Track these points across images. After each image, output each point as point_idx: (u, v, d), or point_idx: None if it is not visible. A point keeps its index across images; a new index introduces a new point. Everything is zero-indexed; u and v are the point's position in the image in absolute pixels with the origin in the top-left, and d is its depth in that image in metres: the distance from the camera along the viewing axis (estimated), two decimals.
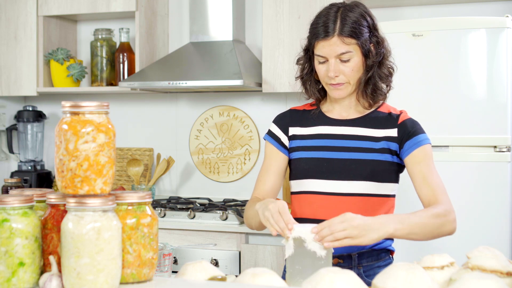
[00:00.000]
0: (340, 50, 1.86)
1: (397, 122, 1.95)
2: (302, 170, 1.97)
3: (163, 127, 3.92)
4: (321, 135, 1.98)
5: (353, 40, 1.86)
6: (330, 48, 1.86)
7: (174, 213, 3.26)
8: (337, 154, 1.94)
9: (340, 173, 1.92)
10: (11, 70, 3.81)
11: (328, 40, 1.86)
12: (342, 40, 1.85)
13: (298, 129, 2.02)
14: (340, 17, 1.86)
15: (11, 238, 1.31)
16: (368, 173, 1.90)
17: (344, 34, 1.85)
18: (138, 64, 3.61)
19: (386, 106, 2.01)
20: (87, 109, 1.30)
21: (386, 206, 1.95)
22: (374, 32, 1.91)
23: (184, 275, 1.44)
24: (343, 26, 1.85)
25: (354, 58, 1.88)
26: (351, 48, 1.86)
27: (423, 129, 1.97)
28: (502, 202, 2.75)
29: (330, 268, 1.31)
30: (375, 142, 1.93)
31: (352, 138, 1.95)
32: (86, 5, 3.67)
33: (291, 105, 3.36)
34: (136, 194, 1.37)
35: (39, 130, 4.02)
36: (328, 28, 1.86)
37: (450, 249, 2.36)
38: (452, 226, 1.82)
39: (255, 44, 3.70)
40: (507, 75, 2.75)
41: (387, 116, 1.97)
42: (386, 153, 1.92)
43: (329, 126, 1.99)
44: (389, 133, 1.94)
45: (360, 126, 1.96)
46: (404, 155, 1.92)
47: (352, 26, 1.85)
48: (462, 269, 1.37)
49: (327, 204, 1.92)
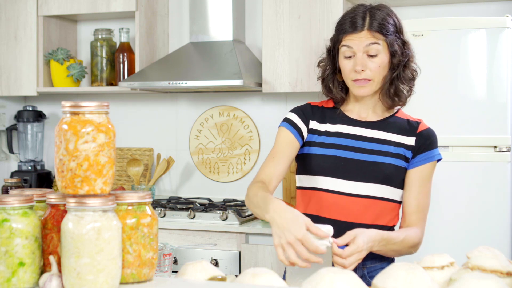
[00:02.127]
0: (369, 41, 1.87)
1: (416, 131, 1.97)
2: (317, 166, 1.95)
3: (163, 127, 3.92)
4: (339, 134, 1.98)
5: (382, 36, 1.88)
6: (359, 41, 1.88)
7: (174, 213, 3.26)
8: (354, 154, 1.94)
9: (357, 174, 1.92)
10: (11, 70, 3.81)
11: (357, 33, 1.89)
12: (372, 34, 1.88)
13: (317, 124, 2.01)
14: (369, 14, 1.90)
15: (11, 238, 1.31)
16: (384, 177, 1.92)
17: (374, 29, 1.88)
18: (138, 64, 3.61)
19: (402, 113, 2.03)
20: (87, 109, 1.30)
21: (394, 212, 1.98)
22: (400, 33, 1.94)
23: (184, 275, 1.44)
24: (372, 21, 1.88)
25: (381, 55, 1.89)
26: (379, 42, 1.88)
27: (437, 142, 1.99)
28: (502, 202, 2.75)
29: (330, 268, 1.31)
30: (393, 147, 1.94)
31: (371, 141, 1.95)
32: (86, 5, 3.67)
33: (291, 105, 3.36)
34: (136, 194, 1.37)
35: (39, 130, 4.02)
36: (357, 23, 1.89)
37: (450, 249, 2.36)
38: (415, 252, 1.96)
39: (255, 44, 3.70)
40: (507, 75, 2.75)
41: (406, 124, 1.98)
42: (402, 159, 1.94)
43: (348, 125, 1.98)
44: (407, 141, 1.95)
45: (378, 129, 1.97)
46: (411, 166, 1.95)
47: (381, 23, 1.88)
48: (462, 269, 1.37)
49: (338, 204, 1.92)
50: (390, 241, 1.83)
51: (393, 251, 1.88)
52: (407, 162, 1.94)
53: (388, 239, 1.82)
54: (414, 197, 1.94)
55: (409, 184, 1.94)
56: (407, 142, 1.95)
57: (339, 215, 1.92)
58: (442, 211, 2.81)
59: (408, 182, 1.95)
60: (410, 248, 1.91)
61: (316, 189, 1.96)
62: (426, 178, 1.95)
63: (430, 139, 1.97)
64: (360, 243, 1.68)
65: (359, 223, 1.89)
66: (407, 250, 1.92)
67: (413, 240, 1.91)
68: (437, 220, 2.79)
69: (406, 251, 1.91)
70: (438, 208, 2.78)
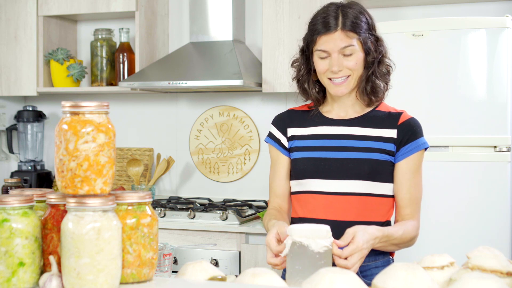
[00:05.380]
0: (344, 43, 1.87)
1: (397, 122, 1.94)
2: (300, 170, 1.98)
3: (163, 127, 3.92)
4: (319, 135, 1.98)
5: (355, 35, 1.87)
6: (333, 43, 1.87)
7: (174, 213, 3.26)
8: (334, 153, 1.94)
9: (338, 173, 1.92)
10: (11, 70, 3.81)
11: (330, 34, 1.87)
12: (346, 34, 1.86)
13: (296, 130, 2.02)
14: (341, 13, 1.88)
15: (11, 238, 1.31)
16: (366, 173, 1.91)
17: (347, 29, 1.86)
18: (138, 64, 3.61)
19: (385, 105, 2.01)
20: (87, 109, 1.30)
21: (385, 207, 1.96)
22: (373, 30, 1.93)
23: (184, 275, 1.44)
24: (345, 21, 1.87)
25: (357, 53, 1.88)
26: (353, 42, 1.87)
27: (422, 130, 1.97)
28: (502, 202, 2.75)
29: (330, 268, 1.31)
30: (373, 142, 1.93)
31: (350, 138, 1.95)
32: (86, 5, 3.67)
33: (291, 105, 3.36)
34: (136, 194, 1.37)
35: (39, 130, 4.02)
36: (330, 23, 1.87)
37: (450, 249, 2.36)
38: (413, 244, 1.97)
39: (255, 44, 3.71)
40: (507, 75, 2.75)
41: (387, 116, 1.97)
42: (385, 153, 1.93)
43: (327, 126, 1.99)
44: (388, 134, 1.94)
45: (358, 125, 1.96)
46: (398, 159, 1.93)
47: (354, 21, 1.87)
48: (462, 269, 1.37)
49: (327, 204, 1.93)
50: (390, 237, 1.83)
51: (393, 245, 1.88)
52: (392, 155, 1.93)
53: (388, 235, 1.82)
54: (405, 190, 1.93)
55: (398, 177, 1.94)
56: (388, 135, 1.93)
57: (329, 214, 1.92)
58: (442, 211, 2.81)
59: (397, 176, 1.94)
60: (409, 241, 1.92)
61: (304, 192, 1.98)
62: (415, 169, 1.94)
63: (413, 129, 1.94)
64: (360, 242, 1.68)
65: (351, 221, 1.89)
66: (406, 244, 1.92)
67: (411, 233, 1.91)
68: (438, 220, 2.80)
69: (405, 245, 1.92)
70: (438, 208, 2.78)
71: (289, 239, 1.64)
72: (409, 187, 1.93)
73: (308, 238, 1.63)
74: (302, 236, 1.63)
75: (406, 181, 1.93)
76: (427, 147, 1.95)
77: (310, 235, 1.63)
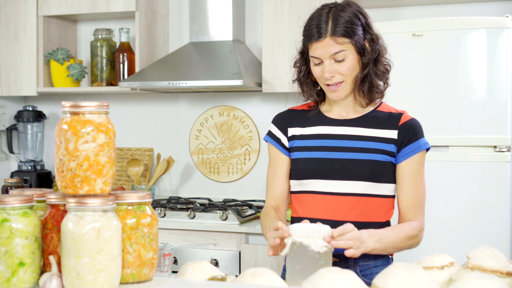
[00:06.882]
0: (334, 50, 1.86)
1: (398, 123, 1.94)
2: (300, 170, 1.98)
3: (163, 127, 3.92)
4: (320, 135, 1.98)
5: (346, 40, 1.86)
6: (323, 49, 1.86)
7: (174, 213, 3.26)
8: (335, 154, 1.94)
9: (339, 173, 1.92)
10: (11, 70, 3.81)
11: (321, 41, 1.86)
12: (335, 40, 1.85)
13: (297, 129, 2.02)
14: (331, 18, 1.87)
15: (11, 238, 1.31)
16: (367, 173, 1.91)
17: (337, 34, 1.85)
18: (138, 64, 3.61)
19: (385, 105, 2.01)
20: (87, 109, 1.30)
21: (385, 207, 1.96)
22: (368, 29, 1.91)
23: (184, 275, 1.44)
24: (335, 27, 1.85)
25: (349, 57, 1.87)
26: (344, 47, 1.86)
27: (422, 131, 1.97)
28: (502, 202, 2.75)
29: (330, 268, 1.31)
30: (374, 142, 1.93)
31: (351, 138, 1.95)
32: (86, 5, 3.67)
33: (291, 105, 3.35)
34: (136, 194, 1.37)
35: (39, 130, 4.02)
36: (321, 29, 1.86)
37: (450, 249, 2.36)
38: (418, 245, 1.96)
39: (255, 44, 3.71)
40: (507, 75, 2.75)
41: (388, 116, 1.96)
42: (385, 154, 1.92)
43: (328, 126, 1.99)
44: (388, 134, 1.93)
45: (359, 126, 1.96)
46: (399, 160, 1.93)
47: (345, 26, 1.85)
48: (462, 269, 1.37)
49: (327, 204, 1.93)
50: (383, 235, 1.83)
51: (391, 243, 1.86)
52: (392, 156, 1.93)
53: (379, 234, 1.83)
54: (407, 192, 1.93)
55: (400, 178, 1.93)
56: (389, 135, 1.93)
57: (329, 214, 1.92)
58: (442, 211, 2.81)
59: (399, 177, 1.94)
60: (408, 240, 1.89)
61: (304, 192, 1.98)
62: (416, 170, 1.93)
63: (414, 129, 1.94)
64: (348, 225, 1.70)
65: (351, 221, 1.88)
66: (406, 243, 1.90)
67: (408, 231, 1.89)
68: (437, 220, 2.80)
69: (405, 244, 1.90)
70: (438, 208, 2.78)
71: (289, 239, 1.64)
72: (410, 189, 1.93)
73: (308, 238, 1.63)
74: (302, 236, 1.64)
75: (407, 182, 1.93)
76: (428, 148, 1.95)
77: (310, 235, 1.63)
